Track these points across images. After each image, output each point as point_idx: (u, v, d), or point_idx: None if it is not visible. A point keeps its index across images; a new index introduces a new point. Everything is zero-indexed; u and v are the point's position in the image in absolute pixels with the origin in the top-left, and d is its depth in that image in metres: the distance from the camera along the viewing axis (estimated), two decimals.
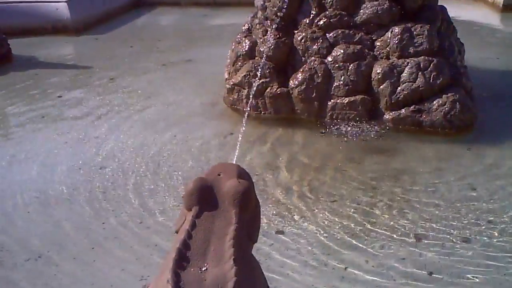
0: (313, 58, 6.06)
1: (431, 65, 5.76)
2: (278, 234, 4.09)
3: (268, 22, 6.35)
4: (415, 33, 5.88)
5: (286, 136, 5.80)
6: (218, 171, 2.29)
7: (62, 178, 5.02)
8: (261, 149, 5.52)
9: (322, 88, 5.95)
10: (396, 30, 5.91)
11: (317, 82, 5.94)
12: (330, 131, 5.80)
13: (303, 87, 5.96)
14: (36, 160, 5.41)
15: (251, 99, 6.03)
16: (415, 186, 4.78)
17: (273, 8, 6.24)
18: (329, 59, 6.01)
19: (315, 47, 6.08)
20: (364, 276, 3.63)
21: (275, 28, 6.20)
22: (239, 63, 6.47)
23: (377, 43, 6.04)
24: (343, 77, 5.90)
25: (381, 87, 5.82)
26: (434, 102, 5.69)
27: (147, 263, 3.77)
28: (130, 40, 10.23)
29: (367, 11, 6.04)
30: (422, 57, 5.81)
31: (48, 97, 7.19)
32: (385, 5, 5.99)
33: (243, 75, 6.26)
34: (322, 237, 4.05)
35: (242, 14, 8.05)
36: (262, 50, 6.22)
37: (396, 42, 5.88)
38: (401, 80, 5.77)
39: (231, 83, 6.40)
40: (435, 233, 4.07)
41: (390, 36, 5.94)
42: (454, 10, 7.41)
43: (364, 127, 5.79)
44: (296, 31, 6.24)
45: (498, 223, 4.19)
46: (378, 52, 6.00)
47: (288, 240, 4.02)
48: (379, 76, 5.81)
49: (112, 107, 6.75)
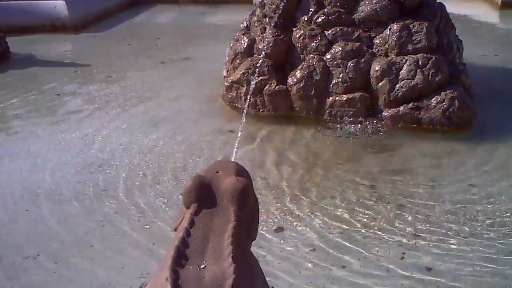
0: (311, 55, 6.06)
1: (430, 62, 5.75)
2: (276, 231, 4.08)
3: (267, 19, 6.34)
4: (413, 30, 5.87)
5: (284, 133, 5.79)
6: (217, 169, 2.29)
7: (60, 177, 5.01)
8: (259, 146, 5.51)
9: (321, 85, 5.95)
10: (395, 27, 5.90)
11: (315, 80, 5.94)
12: (328, 128, 5.80)
13: (301, 85, 5.96)
14: (36, 157, 5.40)
15: (249, 96, 6.02)
16: (413, 183, 4.78)
17: (271, 5, 6.23)
18: (327, 56, 6.00)
19: (313, 44, 6.07)
20: (362, 274, 3.63)
21: (274, 26, 6.20)
22: (238, 61, 6.46)
23: (375, 41, 6.03)
24: (341, 74, 5.90)
25: (379, 84, 5.82)
26: (433, 99, 5.69)
27: (146, 261, 3.77)
28: (129, 38, 10.23)
29: (365, 8, 6.04)
30: (421, 54, 5.81)
31: (46, 95, 7.19)
32: (383, 2, 5.98)
33: (241, 72, 6.26)
34: (320, 235, 4.04)
35: (241, 11, 8.05)
36: (260, 47, 6.22)
37: (395, 39, 5.88)
38: (399, 77, 5.77)
39: (230, 81, 6.40)
40: (433, 230, 4.07)
41: (388, 33, 5.93)
42: (452, 7, 7.40)
43: (363, 125, 5.78)
44: (294, 29, 6.24)
45: (497, 221, 4.18)
46: (377, 50, 6.00)
47: (287, 238, 4.01)
48: (378, 74, 5.81)
49: (111, 105, 6.75)
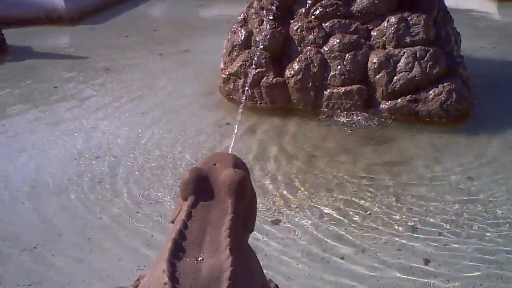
0: (309, 47, 6.05)
1: (428, 54, 5.75)
2: (273, 224, 4.09)
3: (264, 11, 6.32)
4: (411, 22, 5.87)
5: (281, 126, 5.79)
6: (214, 161, 2.28)
7: (57, 169, 5.00)
8: (257, 138, 5.51)
9: (318, 77, 5.94)
10: (393, 19, 5.89)
11: (313, 72, 5.93)
12: (326, 121, 5.80)
13: (299, 77, 5.95)
14: (32, 150, 5.39)
15: (247, 88, 6.02)
16: (411, 176, 4.78)
17: None
18: (325, 48, 5.99)
19: (311, 36, 6.06)
20: (360, 266, 3.64)
21: (271, 18, 6.18)
22: (235, 53, 6.45)
23: (373, 33, 6.03)
24: (339, 66, 5.89)
25: (377, 76, 5.81)
26: (431, 92, 5.69)
27: (144, 254, 3.77)
28: (126, 30, 10.20)
29: (363, 0, 6.02)
30: (419, 46, 5.81)
31: (43, 87, 7.16)
32: None
33: (239, 65, 6.25)
34: (318, 227, 4.05)
35: (238, 4, 8.03)
36: (258, 40, 6.20)
37: (392, 31, 5.87)
38: (397, 69, 5.77)
39: (227, 73, 6.39)
40: (431, 222, 4.08)
41: (386, 25, 5.92)
42: None
43: (360, 117, 5.78)
44: (292, 21, 6.22)
45: (494, 213, 4.19)
46: (374, 42, 5.99)
47: (284, 230, 4.02)
48: (375, 66, 5.80)
49: (108, 97, 6.73)
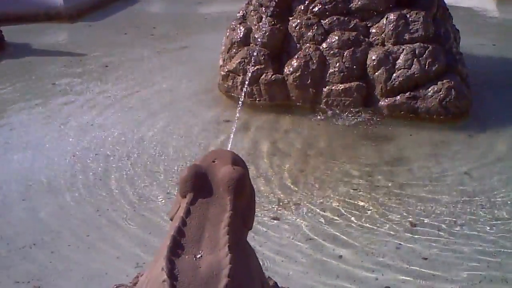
0: (308, 44, 6.04)
1: (427, 51, 5.74)
2: (273, 220, 4.08)
3: (263, 8, 6.31)
4: (410, 19, 5.86)
5: (280, 123, 5.78)
6: (213, 158, 2.28)
7: (56, 165, 5.00)
8: (255, 136, 5.50)
9: (317, 74, 5.93)
10: (392, 16, 5.88)
11: (312, 69, 5.92)
12: (325, 118, 5.79)
13: (298, 74, 5.94)
14: (30, 147, 5.39)
15: (246, 86, 6.01)
16: (409, 174, 4.78)
17: None
18: (324, 45, 5.98)
19: (310, 33, 6.05)
20: (359, 263, 3.64)
21: (270, 15, 6.17)
22: (234, 50, 6.43)
23: (372, 30, 6.01)
24: (338, 63, 5.88)
25: (376, 73, 5.80)
26: (430, 89, 5.68)
27: (142, 251, 3.77)
28: (125, 27, 10.17)
29: None
30: (418, 43, 5.80)
31: (42, 84, 7.15)
32: None
33: (237, 62, 6.24)
34: (317, 223, 4.05)
35: (237, 1, 8.00)
36: (257, 37, 6.19)
37: (392, 28, 5.86)
38: (396, 66, 5.76)
39: (226, 70, 6.38)
40: (430, 220, 4.08)
41: (385, 22, 5.91)
42: None
43: (359, 114, 5.77)
44: (291, 18, 6.21)
45: (493, 211, 4.19)
46: (374, 39, 5.98)
47: (282, 228, 4.01)
48: (374, 63, 5.80)
49: (106, 95, 6.72)
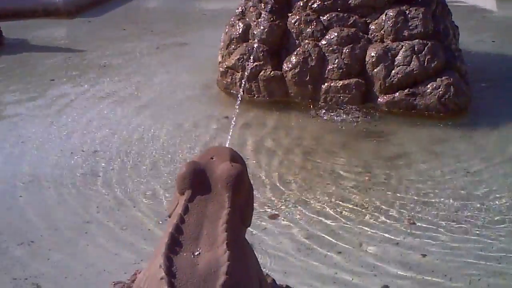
0: (307, 41, 6.03)
1: (426, 48, 5.74)
2: (271, 218, 4.08)
3: (262, 4, 6.30)
4: (409, 16, 5.85)
5: (279, 119, 5.78)
6: (211, 155, 2.27)
7: (54, 162, 4.98)
8: (254, 132, 5.50)
9: (316, 71, 5.92)
10: (391, 13, 5.87)
11: (311, 65, 5.91)
12: (323, 114, 5.78)
13: (297, 70, 5.93)
14: (29, 144, 5.37)
15: (244, 82, 6.00)
16: (408, 171, 4.78)
17: None
18: (323, 42, 5.98)
19: (309, 30, 6.04)
20: (357, 260, 3.63)
21: (269, 11, 6.16)
22: (233, 46, 6.42)
23: (371, 26, 6.01)
24: (337, 60, 5.87)
25: (375, 70, 5.80)
26: (429, 86, 5.68)
27: (140, 248, 3.76)
28: (124, 23, 10.16)
29: None
30: (417, 40, 5.79)
31: (41, 80, 7.13)
32: None
33: (236, 58, 6.23)
34: (316, 221, 4.04)
35: None
36: (255, 33, 6.18)
37: (391, 25, 5.85)
38: (395, 63, 5.75)
39: (225, 66, 6.37)
40: (429, 217, 4.07)
41: (384, 19, 5.90)
42: None
43: (358, 111, 5.77)
44: (290, 14, 6.21)
45: (492, 207, 4.19)
46: (373, 35, 5.97)
47: (282, 225, 4.01)
48: (373, 59, 5.79)
49: (105, 91, 6.71)
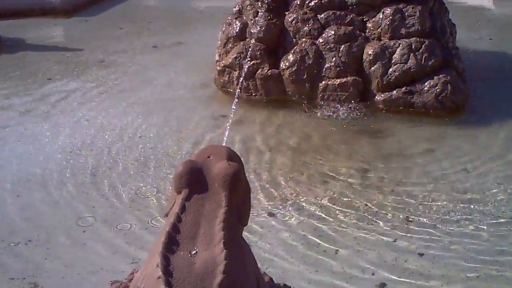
0: (304, 39, 6.02)
1: (423, 46, 5.74)
2: (269, 216, 4.08)
3: (259, 3, 6.28)
4: (406, 14, 5.85)
5: (276, 117, 5.78)
6: (208, 153, 2.27)
7: (52, 161, 4.98)
8: (251, 131, 5.49)
9: (313, 69, 5.92)
10: (388, 11, 5.87)
11: (308, 64, 5.91)
12: (321, 112, 5.78)
13: (294, 69, 5.93)
14: (26, 142, 5.37)
15: (241, 80, 6.00)
16: (406, 168, 4.78)
17: None
18: (320, 40, 5.97)
19: (306, 28, 6.04)
20: (354, 259, 3.63)
21: (266, 10, 6.16)
22: (230, 45, 6.42)
23: (368, 24, 6.01)
24: (334, 58, 5.87)
25: (372, 68, 5.80)
26: (426, 84, 5.68)
27: (138, 247, 3.76)
28: (121, 22, 10.13)
29: None
30: (414, 38, 5.79)
31: (37, 79, 7.11)
32: None
33: (233, 56, 6.22)
34: (313, 219, 4.04)
35: None
36: (253, 31, 6.18)
37: (388, 23, 5.85)
38: (392, 61, 5.75)
39: (222, 65, 6.36)
40: (426, 215, 4.07)
41: (381, 17, 5.90)
42: None
43: (355, 109, 5.77)
44: (287, 12, 6.20)
45: (490, 206, 4.19)
46: (370, 33, 5.97)
47: (279, 223, 4.01)
48: (371, 58, 5.79)
49: (102, 90, 6.69)
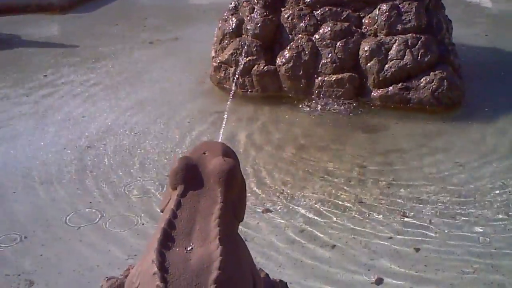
0: (300, 35, 6.02)
1: (419, 42, 5.73)
2: (265, 212, 4.08)
3: None
4: (403, 10, 5.84)
5: (272, 114, 5.77)
6: (204, 150, 2.27)
7: (47, 158, 4.97)
8: (247, 127, 5.49)
9: (310, 65, 5.92)
10: (384, 7, 5.87)
11: (304, 60, 5.90)
12: (317, 109, 5.78)
13: (290, 65, 5.92)
14: (21, 140, 5.35)
15: (237, 77, 5.99)
16: (402, 164, 4.79)
17: None
18: (316, 36, 5.97)
19: (302, 24, 6.03)
20: (351, 254, 3.64)
21: (262, 6, 6.14)
22: (226, 41, 6.40)
23: (364, 21, 6.00)
24: (330, 54, 5.87)
25: (368, 64, 5.79)
26: (422, 80, 5.68)
27: (134, 243, 3.76)
28: (116, 18, 10.10)
29: None
30: (410, 34, 5.79)
31: (33, 76, 7.09)
32: None
33: (229, 53, 6.21)
34: (310, 215, 4.04)
35: None
36: (249, 28, 6.17)
37: (384, 19, 5.85)
38: (388, 57, 5.75)
39: (218, 61, 6.35)
40: (422, 211, 4.08)
41: (377, 13, 5.90)
42: None
43: (352, 105, 5.77)
44: (283, 9, 6.19)
45: (486, 201, 4.20)
46: (366, 30, 5.97)
47: (275, 218, 4.01)
48: (367, 54, 5.78)
49: (98, 86, 6.67)
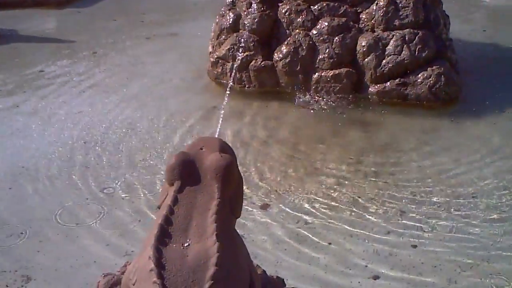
0: (297, 30, 6.01)
1: (416, 37, 5.73)
2: (262, 209, 4.08)
3: None
4: (400, 5, 5.84)
5: (270, 109, 5.77)
6: (200, 145, 2.27)
7: (44, 154, 4.96)
8: (244, 122, 5.49)
9: (307, 61, 5.91)
10: (381, 2, 5.86)
11: (301, 55, 5.90)
12: (314, 104, 5.77)
13: (287, 60, 5.92)
14: (18, 135, 5.35)
15: (235, 72, 5.98)
16: (399, 159, 4.79)
17: None
18: (313, 31, 5.96)
19: (299, 19, 6.02)
20: (348, 251, 3.64)
21: (259, 1, 6.13)
22: (223, 36, 6.39)
23: (362, 16, 5.99)
24: (327, 49, 5.86)
25: (366, 60, 5.79)
26: (419, 75, 5.68)
27: (131, 239, 3.76)
28: (114, 13, 10.07)
29: None
30: (408, 29, 5.78)
31: (30, 71, 7.07)
32: None
33: (227, 48, 6.20)
34: (306, 211, 4.05)
35: None
36: (246, 23, 6.15)
37: (381, 14, 5.84)
38: (386, 53, 5.74)
39: (215, 57, 6.34)
40: (419, 207, 4.08)
41: (375, 8, 5.89)
42: None
43: (349, 100, 5.76)
44: (280, 4, 6.17)
45: (482, 196, 4.20)
46: (363, 25, 5.96)
47: (272, 215, 4.01)
48: (364, 49, 5.78)
49: (95, 82, 6.66)
